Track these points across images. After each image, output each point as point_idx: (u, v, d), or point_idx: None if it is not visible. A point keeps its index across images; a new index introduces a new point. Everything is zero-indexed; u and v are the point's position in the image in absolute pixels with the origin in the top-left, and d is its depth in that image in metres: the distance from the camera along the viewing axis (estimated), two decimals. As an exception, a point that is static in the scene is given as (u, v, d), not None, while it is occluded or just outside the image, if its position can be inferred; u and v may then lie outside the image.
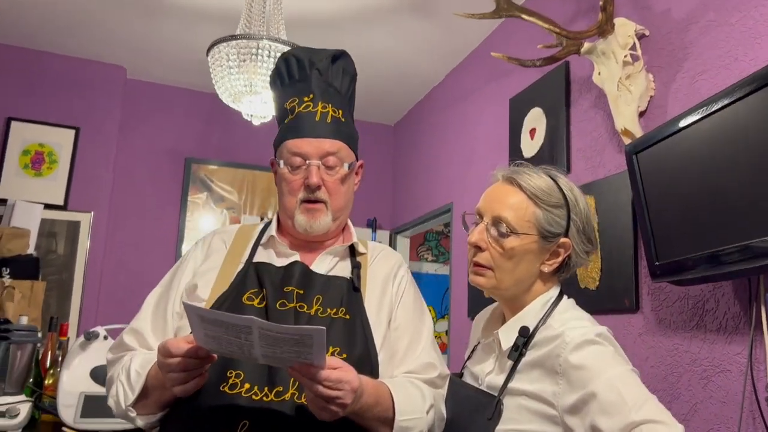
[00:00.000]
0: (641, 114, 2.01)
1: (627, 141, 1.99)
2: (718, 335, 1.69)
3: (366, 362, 1.30)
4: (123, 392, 1.23)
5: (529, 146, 2.63)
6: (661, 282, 1.81)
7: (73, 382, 2.20)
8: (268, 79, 2.35)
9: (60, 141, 3.59)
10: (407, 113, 4.23)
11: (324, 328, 1.03)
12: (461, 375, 1.43)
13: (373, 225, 4.17)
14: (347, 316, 1.33)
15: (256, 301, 1.31)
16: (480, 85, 3.16)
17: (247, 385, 1.20)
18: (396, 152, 4.38)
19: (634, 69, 1.97)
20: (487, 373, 1.32)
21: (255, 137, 3.80)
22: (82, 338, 2.32)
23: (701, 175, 1.54)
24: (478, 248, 1.29)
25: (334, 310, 1.33)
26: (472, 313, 2.97)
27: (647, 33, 2.04)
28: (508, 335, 1.28)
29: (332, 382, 1.09)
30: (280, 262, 1.40)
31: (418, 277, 4.60)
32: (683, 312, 1.80)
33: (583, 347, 1.15)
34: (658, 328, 1.89)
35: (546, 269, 1.27)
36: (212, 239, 1.46)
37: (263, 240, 1.44)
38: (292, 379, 1.22)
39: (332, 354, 1.26)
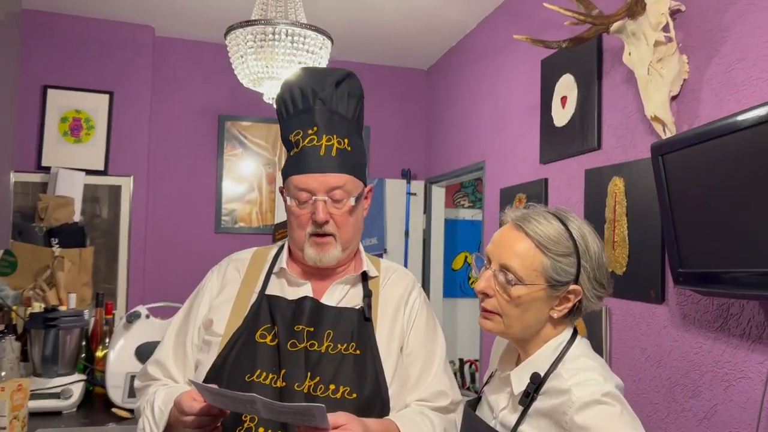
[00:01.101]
0: (674, 98, 1.91)
1: (658, 128, 1.90)
2: (741, 341, 1.66)
3: (376, 400, 1.33)
4: (149, 427, 1.31)
5: (560, 115, 2.54)
6: (683, 288, 1.77)
7: (119, 363, 2.34)
8: (287, 62, 2.32)
9: (95, 106, 3.64)
10: (440, 59, 4.10)
11: (323, 406, 1.07)
12: (479, 399, 1.44)
13: (407, 176, 4.15)
14: (358, 351, 1.36)
15: (269, 338, 1.35)
16: (511, 41, 3.02)
17: (261, 429, 1.26)
18: (431, 99, 4.28)
19: (667, 51, 1.85)
20: (501, 408, 1.33)
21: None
22: (124, 320, 2.44)
23: (735, 190, 1.46)
24: (486, 294, 1.28)
25: (345, 345, 1.36)
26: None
27: (683, 8, 1.90)
28: (520, 379, 1.28)
29: None
30: (293, 292, 1.43)
31: (454, 224, 4.60)
32: (708, 312, 1.77)
33: (590, 407, 1.14)
34: (682, 323, 1.87)
35: (556, 315, 1.25)
36: (227, 268, 1.50)
37: (275, 269, 1.47)
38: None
39: (342, 394, 1.31)
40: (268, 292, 1.42)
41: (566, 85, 2.50)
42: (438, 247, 4.20)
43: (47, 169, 3.53)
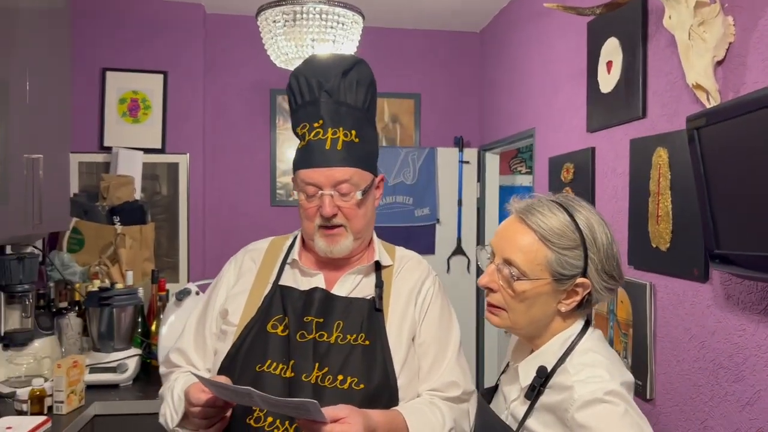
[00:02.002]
0: (719, 63, 1.77)
1: (701, 96, 1.77)
2: (785, 326, 1.56)
3: (384, 391, 1.34)
4: (170, 413, 1.37)
5: (606, 81, 2.41)
6: (719, 270, 1.67)
7: (170, 338, 2.45)
8: (320, 40, 2.30)
9: (151, 86, 3.75)
10: (493, 20, 3.96)
11: (316, 402, 1.09)
12: (496, 387, 1.43)
13: (459, 143, 4.08)
14: (367, 342, 1.37)
15: (280, 328, 1.38)
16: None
17: (270, 419, 1.30)
18: (483, 63, 4.16)
19: (710, 13, 1.71)
20: (512, 399, 1.32)
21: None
22: (174, 298, 2.55)
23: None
24: (490, 289, 1.26)
25: (354, 336, 1.37)
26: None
27: (729, -35, 1.74)
28: (527, 372, 1.26)
29: None
30: (305, 283, 1.45)
31: (510, 191, 4.50)
32: (752, 293, 1.66)
33: (591, 406, 1.12)
34: (726, 303, 1.77)
35: (563, 309, 1.22)
36: (244, 258, 1.53)
37: (289, 260, 1.49)
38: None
39: (350, 385, 1.32)
40: (282, 282, 1.45)
41: (611, 49, 2.36)
42: (493, 215, 4.13)
43: (109, 150, 3.69)
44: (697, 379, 1.89)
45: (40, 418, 1.94)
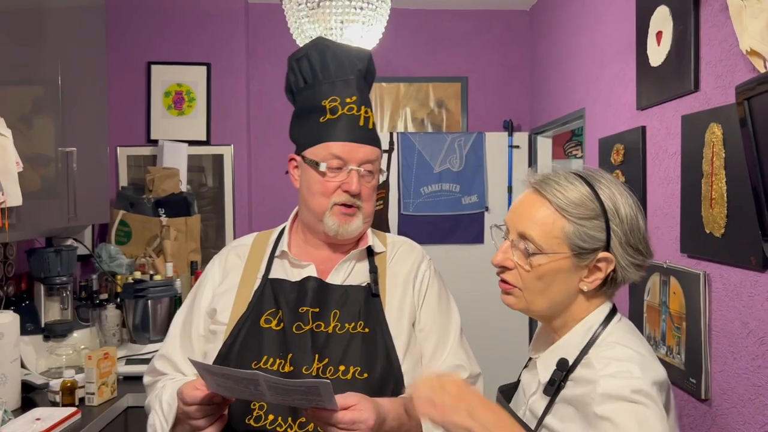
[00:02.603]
0: (778, 25, 1.57)
1: (757, 63, 1.58)
2: None
3: (389, 379, 1.28)
4: (159, 422, 1.31)
5: (656, 53, 2.22)
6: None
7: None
8: (341, 24, 2.22)
9: (194, 79, 3.76)
10: (542, -4, 3.77)
11: (329, 381, 1.04)
12: (518, 383, 1.32)
13: (509, 127, 3.91)
14: (366, 330, 1.31)
15: (274, 322, 1.32)
16: (607, -29, 2.68)
17: (271, 417, 1.24)
18: (534, 42, 3.97)
19: (766, -31, 1.52)
20: (531, 393, 1.21)
21: (376, 48, 3.65)
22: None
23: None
24: (505, 267, 1.16)
25: (353, 324, 1.31)
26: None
27: None
28: (546, 365, 1.16)
29: (347, 423, 1.09)
30: (297, 274, 1.39)
31: (565, 176, 4.29)
32: (816, 284, 1.48)
33: (614, 401, 1.01)
34: (787, 295, 1.58)
35: (586, 288, 1.12)
36: (228, 255, 1.47)
37: (277, 252, 1.42)
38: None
39: (353, 375, 1.26)
40: (272, 276, 1.39)
41: (661, 19, 2.17)
42: (546, 201, 3.95)
43: (156, 143, 3.73)
44: (756, 379, 1.70)
45: (70, 410, 1.95)
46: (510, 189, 3.92)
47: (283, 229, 1.48)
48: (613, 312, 1.15)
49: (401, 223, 3.83)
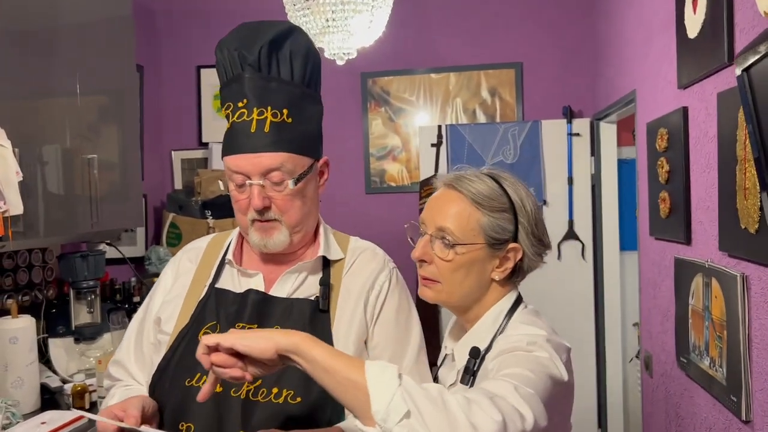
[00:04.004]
0: (806, -22, 1.30)
1: (780, 26, 1.32)
2: None
3: (326, 405, 1.17)
4: None
5: (693, 23, 1.94)
6: None
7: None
8: (337, 16, 2.11)
9: (242, 80, 3.78)
10: (600, -29, 3.47)
11: None
12: (435, 380, 1.32)
13: (568, 114, 3.64)
14: None
15: None
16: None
17: None
18: (593, 22, 3.66)
19: None
20: (449, 384, 1.22)
21: (423, 39, 3.52)
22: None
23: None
24: (424, 261, 1.23)
25: None
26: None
27: None
28: (461, 355, 1.21)
29: None
30: (244, 284, 1.30)
31: (631, 165, 3.95)
32: None
33: (507, 353, 1.09)
34: (824, 304, 1.31)
35: (497, 277, 1.22)
36: (180, 259, 1.41)
37: (227, 259, 1.34)
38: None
39: (285, 399, 1.17)
40: (220, 285, 1.30)
41: (696, -17, 1.89)
42: (611, 192, 3.65)
43: (207, 145, 3.78)
44: (796, 401, 1.44)
45: (74, 414, 1.99)
46: (570, 180, 3.65)
47: (236, 233, 1.40)
48: (519, 300, 1.25)
49: (452, 220, 3.66)
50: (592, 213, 3.66)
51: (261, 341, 0.94)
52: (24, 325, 2.10)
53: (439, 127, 3.68)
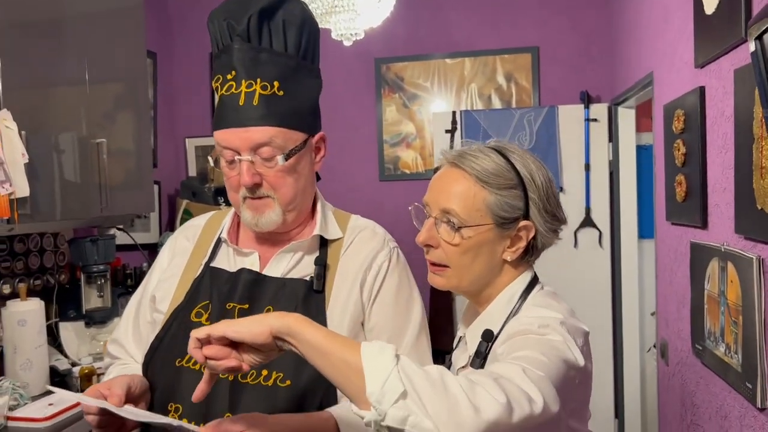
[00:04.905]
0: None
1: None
2: None
3: (317, 389, 1.15)
4: None
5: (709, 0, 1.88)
6: None
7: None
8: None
9: (255, 67, 3.77)
10: (619, -48, 3.38)
11: (181, 423, 1.00)
12: (449, 364, 1.26)
13: (585, 99, 3.57)
14: None
15: (204, 316, 1.23)
16: None
17: (185, 420, 1.16)
18: (610, 3, 3.58)
19: None
20: (459, 367, 1.19)
21: (438, 24, 3.47)
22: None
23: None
24: (430, 246, 1.15)
25: None
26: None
27: None
28: (473, 338, 1.15)
29: None
30: (239, 263, 1.28)
31: (649, 151, 3.87)
32: None
33: (517, 335, 1.02)
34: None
35: (509, 257, 1.15)
36: (177, 238, 1.39)
37: (222, 238, 1.32)
38: (227, 414, 1.15)
39: (274, 381, 1.15)
40: (215, 264, 1.29)
41: (714, -44, 1.83)
42: (629, 179, 3.57)
43: (221, 133, 3.78)
44: (812, 387, 1.38)
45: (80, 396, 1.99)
46: (587, 167, 3.58)
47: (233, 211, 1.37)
48: (534, 281, 1.17)
49: (466, 207, 3.62)
50: (609, 200, 3.59)
51: (253, 325, 0.91)
52: (33, 308, 2.11)
53: (454, 113, 3.63)
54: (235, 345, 0.94)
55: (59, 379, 2.24)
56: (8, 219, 1.92)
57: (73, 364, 2.33)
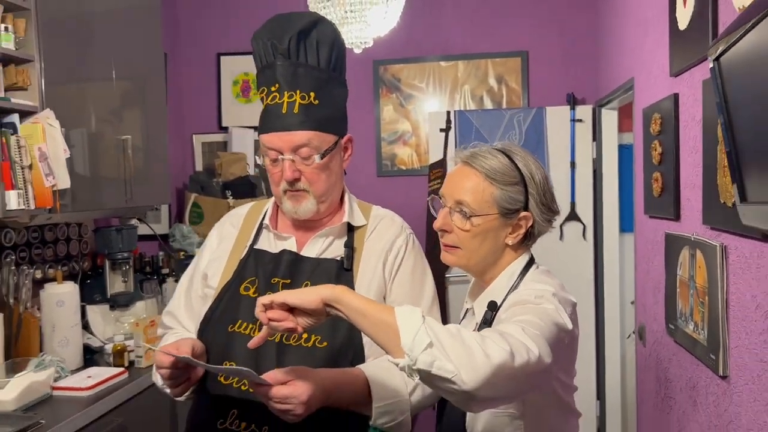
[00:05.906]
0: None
1: (753, 20, 1.49)
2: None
3: (348, 349, 1.36)
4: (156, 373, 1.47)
5: (683, 15, 2.11)
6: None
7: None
8: (355, 7, 2.28)
9: (260, 67, 3.96)
10: (604, -37, 3.62)
11: (251, 371, 1.16)
12: None
13: (571, 101, 3.80)
14: None
15: (252, 290, 1.43)
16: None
17: (237, 378, 1.36)
18: (597, 10, 3.82)
19: None
20: None
21: (433, 28, 3.67)
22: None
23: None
24: (444, 231, 1.38)
25: None
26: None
27: None
28: (480, 309, 1.37)
29: (280, 398, 1.19)
30: (279, 246, 1.48)
31: (630, 150, 4.11)
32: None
33: (515, 305, 1.22)
34: (786, 266, 1.49)
35: (510, 242, 1.36)
36: (224, 224, 1.60)
37: (264, 224, 1.52)
38: None
39: (314, 343, 1.35)
40: (257, 246, 1.49)
41: (686, -22, 2.06)
42: (612, 176, 3.82)
43: (227, 129, 3.97)
44: (763, 354, 1.62)
45: (117, 370, 2.19)
46: (573, 164, 3.82)
47: (273, 201, 1.58)
48: (531, 261, 1.39)
49: (459, 201, 3.84)
50: (593, 196, 3.83)
51: (308, 294, 1.12)
52: (69, 290, 2.30)
53: (448, 113, 3.85)
54: (291, 310, 1.15)
55: (90, 356, 2.43)
56: (50, 209, 2.10)
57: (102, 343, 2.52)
